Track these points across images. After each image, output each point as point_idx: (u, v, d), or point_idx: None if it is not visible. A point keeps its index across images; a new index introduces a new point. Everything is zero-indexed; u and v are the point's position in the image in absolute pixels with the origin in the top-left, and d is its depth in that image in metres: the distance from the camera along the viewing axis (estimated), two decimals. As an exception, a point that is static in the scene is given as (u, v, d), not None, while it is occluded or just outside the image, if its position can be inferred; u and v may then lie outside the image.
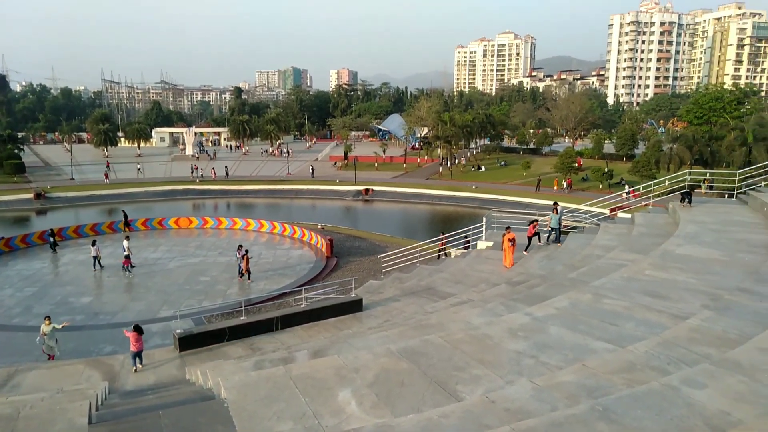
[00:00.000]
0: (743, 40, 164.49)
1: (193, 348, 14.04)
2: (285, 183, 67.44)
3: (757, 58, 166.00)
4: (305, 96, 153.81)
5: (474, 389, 6.85)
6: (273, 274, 27.56)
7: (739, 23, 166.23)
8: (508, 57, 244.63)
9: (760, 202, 17.25)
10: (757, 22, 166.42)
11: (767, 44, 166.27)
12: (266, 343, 14.17)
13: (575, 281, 12.52)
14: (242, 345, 14.22)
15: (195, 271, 27.95)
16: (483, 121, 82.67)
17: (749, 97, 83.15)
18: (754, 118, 57.02)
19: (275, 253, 31.90)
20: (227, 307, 20.62)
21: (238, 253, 27.12)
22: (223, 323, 15.59)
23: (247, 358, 11.68)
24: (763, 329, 7.04)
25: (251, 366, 9.78)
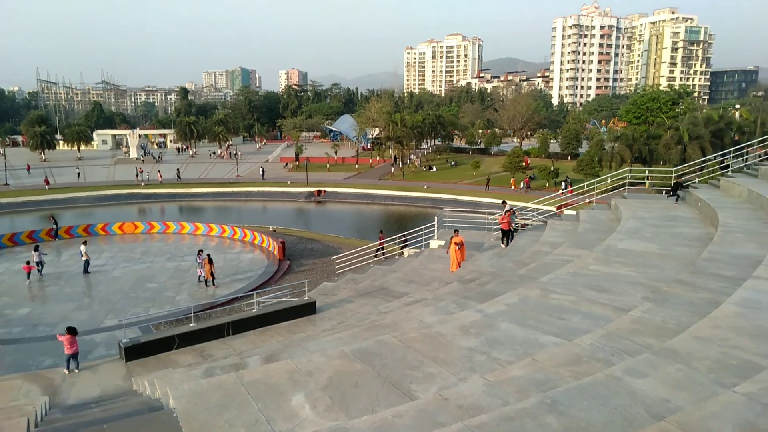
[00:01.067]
0: (677, 43, 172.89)
1: (140, 357, 13.56)
2: (234, 185, 66.21)
3: (690, 60, 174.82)
4: (254, 97, 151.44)
5: (428, 387, 6.90)
6: (224, 278, 26.97)
7: (672, 27, 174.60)
8: (457, 58, 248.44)
9: (694, 198, 18.15)
10: (689, 26, 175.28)
11: (699, 47, 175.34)
12: (217, 349, 13.86)
13: (524, 278, 12.81)
14: (192, 352, 13.85)
15: (141, 277, 27.04)
16: (433, 122, 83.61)
17: (683, 98, 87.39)
18: (688, 117, 59.97)
19: (225, 258, 31.24)
20: (176, 314, 20.04)
21: (198, 258, 26.48)
22: (172, 330, 15.13)
23: (198, 365, 11.39)
24: (699, 318, 7.40)
25: (201, 374, 9.54)
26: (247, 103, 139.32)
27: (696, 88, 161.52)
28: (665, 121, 64.76)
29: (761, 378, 5.12)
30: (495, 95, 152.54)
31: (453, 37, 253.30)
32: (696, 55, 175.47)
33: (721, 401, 4.80)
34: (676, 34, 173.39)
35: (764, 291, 7.93)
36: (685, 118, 59.79)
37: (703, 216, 16.47)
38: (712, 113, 64.08)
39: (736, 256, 10.82)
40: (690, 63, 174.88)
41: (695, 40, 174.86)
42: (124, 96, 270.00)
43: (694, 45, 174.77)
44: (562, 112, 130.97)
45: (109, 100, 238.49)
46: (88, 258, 27.64)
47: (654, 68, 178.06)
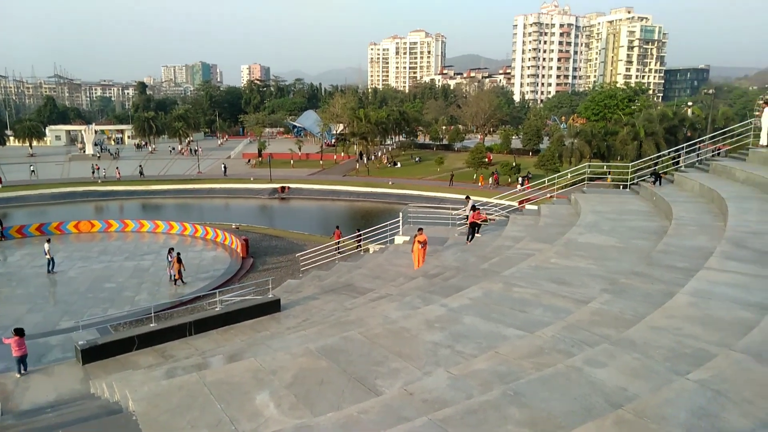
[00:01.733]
0: (633, 42, 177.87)
1: (98, 359, 13.17)
2: (196, 182, 64.96)
3: (645, 58, 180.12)
4: (215, 92, 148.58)
5: (393, 383, 6.92)
6: (186, 277, 26.44)
7: (628, 26, 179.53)
8: (420, 55, 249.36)
9: (649, 192, 18.72)
10: (644, 25, 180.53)
11: (653, 46, 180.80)
12: (179, 349, 13.57)
13: (487, 272, 12.98)
14: (153, 353, 13.53)
15: (99, 277, 26.28)
16: (397, 118, 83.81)
17: (639, 95, 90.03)
18: (643, 114, 61.91)
19: (187, 256, 30.54)
20: (136, 315, 19.54)
21: (169, 256, 25.99)
22: (132, 331, 14.74)
23: (158, 366, 11.13)
24: (654, 309, 7.63)
25: (162, 375, 9.33)
26: (208, 99, 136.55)
27: (651, 85, 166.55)
28: (622, 117, 66.66)
29: (712, 365, 5.32)
30: (458, 92, 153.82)
31: (416, 33, 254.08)
32: (651, 54, 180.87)
33: (675, 388, 4.97)
34: (632, 33, 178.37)
35: (714, 281, 8.23)
36: (640, 115, 61.69)
37: (658, 209, 17.00)
38: (666, 110, 66.32)
39: (689, 248, 11.20)
40: (645, 61, 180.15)
41: (650, 39, 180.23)
42: (79, 90, 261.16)
43: (648, 44, 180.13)
44: (524, 108, 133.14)
45: (62, 94, 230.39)
46: (52, 257, 27.05)
47: (611, 66, 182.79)
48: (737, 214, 12.32)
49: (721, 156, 23.11)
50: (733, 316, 7.01)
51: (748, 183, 16.30)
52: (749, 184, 16.20)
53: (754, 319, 6.63)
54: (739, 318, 6.91)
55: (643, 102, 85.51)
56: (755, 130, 21.42)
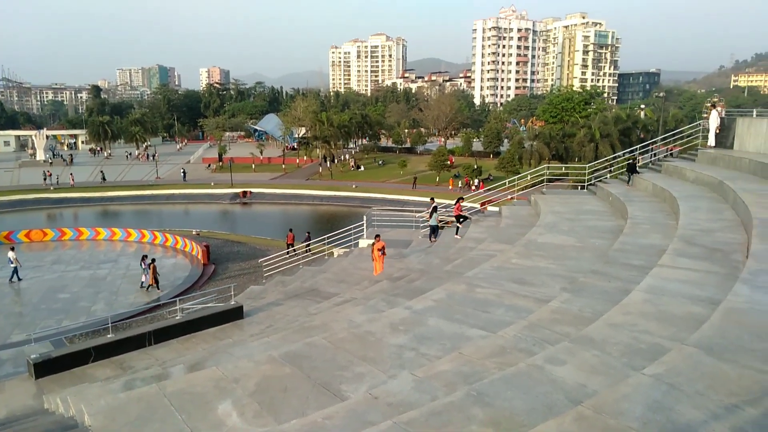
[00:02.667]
0: (587, 46, 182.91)
1: (53, 373, 12.65)
2: (154, 188, 63.44)
3: (600, 62, 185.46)
4: (174, 95, 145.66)
5: (358, 387, 6.90)
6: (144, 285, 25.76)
7: (583, 31, 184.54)
8: (381, 58, 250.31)
9: (606, 192, 19.25)
10: (598, 30, 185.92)
11: (607, 51, 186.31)
12: (138, 360, 13.18)
13: (451, 273, 13.09)
14: (111, 365, 13.09)
15: (52, 288, 25.35)
16: (360, 121, 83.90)
17: (594, 98, 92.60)
18: (599, 117, 63.69)
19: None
20: (92, 326, 18.93)
21: (144, 263, 25.54)
22: (88, 343, 14.24)
23: (116, 378, 10.79)
24: (612, 306, 7.84)
25: (120, 387, 9.05)
26: (166, 102, 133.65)
27: (606, 89, 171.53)
28: (579, 120, 68.41)
29: (666, 360, 5.50)
30: (420, 95, 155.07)
31: (377, 37, 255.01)
32: (605, 58, 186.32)
33: (632, 383, 5.11)
34: (587, 37, 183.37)
35: (668, 278, 8.52)
36: (596, 118, 63.44)
37: (614, 209, 17.50)
38: (620, 113, 68.44)
39: (643, 246, 11.57)
40: (600, 65, 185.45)
41: (604, 43, 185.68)
42: (29, 94, 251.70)
43: (603, 48, 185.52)
44: (484, 111, 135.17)
45: (11, 98, 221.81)
46: (19, 264, 26.44)
47: (567, 70, 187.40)
48: (688, 212, 12.79)
49: (672, 157, 24.00)
50: (685, 311, 7.27)
51: (698, 182, 16.95)
52: (699, 183, 16.85)
53: (704, 313, 6.88)
54: (690, 313, 7.16)
55: (598, 105, 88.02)
56: (703, 131, 22.33)
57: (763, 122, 19.05)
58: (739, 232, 10.94)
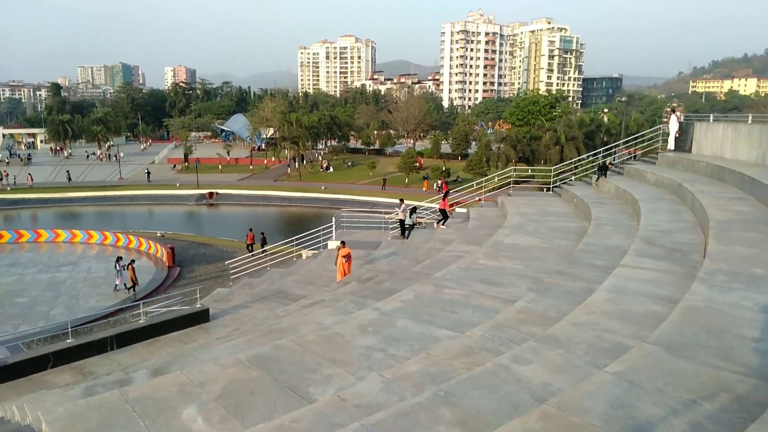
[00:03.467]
0: (553, 51, 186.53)
1: (9, 380, 12.20)
2: (117, 189, 61.94)
3: (565, 67, 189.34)
4: (138, 94, 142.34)
5: (326, 389, 6.86)
6: (107, 289, 25.14)
7: (549, 36, 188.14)
8: (351, 60, 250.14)
9: (570, 194, 19.65)
10: (563, 36, 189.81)
11: (572, 56, 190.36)
12: (100, 366, 12.82)
13: (419, 274, 13.16)
14: (71, 371, 12.71)
15: (9, 291, 24.49)
16: (329, 122, 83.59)
17: (560, 102, 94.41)
18: (564, 120, 64.95)
19: (108, 267, 29.06)
20: (51, 330, 18.36)
21: (118, 265, 24.99)
22: (46, 348, 13.80)
23: (76, 384, 10.46)
24: (576, 306, 8.00)
25: (80, 393, 8.79)
26: (129, 101, 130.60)
27: (570, 93, 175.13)
28: (545, 123, 69.60)
29: (627, 357, 5.64)
30: (389, 97, 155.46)
31: (346, 38, 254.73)
32: (570, 63, 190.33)
33: (595, 381, 5.22)
34: (552, 42, 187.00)
35: (629, 278, 8.75)
36: (561, 121, 64.69)
37: (578, 211, 17.88)
38: (584, 117, 69.94)
39: (606, 246, 11.85)
40: (565, 70, 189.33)
41: (569, 48, 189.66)
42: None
43: (568, 53, 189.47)
44: (452, 114, 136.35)
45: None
46: None
47: (534, 74, 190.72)
48: (649, 214, 13.16)
49: (634, 159, 24.65)
50: (646, 309, 7.47)
51: (658, 185, 17.46)
52: (659, 185, 17.36)
53: (664, 312, 7.08)
54: (651, 311, 7.36)
55: (563, 108, 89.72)
56: (663, 135, 23.01)
57: (719, 127, 19.75)
58: (697, 233, 11.31)
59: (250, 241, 32.55)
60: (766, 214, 11.28)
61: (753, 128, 17.24)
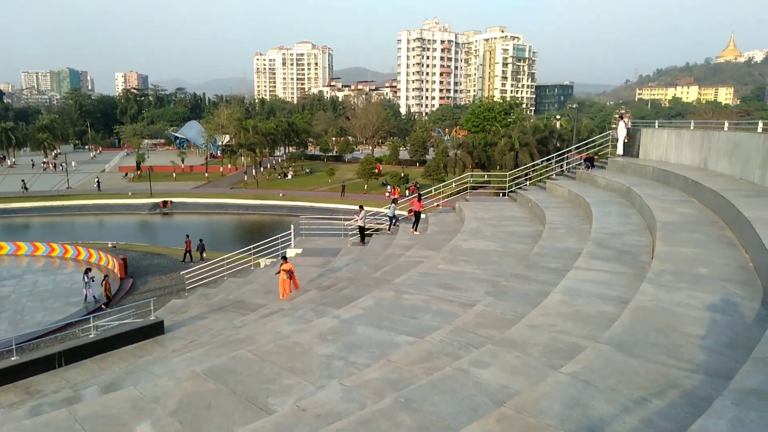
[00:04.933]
0: (507, 59, 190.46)
1: (-54, 403, 11.54)
2: (65, 198, 59.63)
3: (518, 74, 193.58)
4: (86, 100, 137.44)
5: (285, 400, 6.77)
6: (55, 302, 24.10)
7: (503, 44, 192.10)
8: (308, 66, 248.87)
9: (525, 199, 20.08)
10: (516, 44, 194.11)
11: (525, 63, 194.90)
12: (47, 383, 12.27)
13: (379, 280, 13.17)
14: (15, 390, 12.11)
15: (-54, 309, 23.15)
16: (286, 129, 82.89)
17: (514, 109, 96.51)
18: (518, 127, 66.39)
19: (56, 279, 27.96)
20: (-7, 348, 17.40)
21: (86, 276, 24.21)
22: (-12, 367, 13.11)
23: (21, 404, 9.99)
24: (532, 308, 8.16)
25: (26, 413, 8.40)
26: (77, 108, 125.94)
27: (524, 100, 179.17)
28: (500, 129, 70.94)
29: (581, 358, 5.78)
30: (346, 104, 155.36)
31: (303, 44, 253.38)
32: (523, 71, 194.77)
33: (551, 382, 5.33)
34: (506, 50, 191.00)
35: (582, 280, 8.99)
36: (516, 127, 66.09)
37: (533, 215, 18.28)
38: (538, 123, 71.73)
39: (560, 249, 12.15)
40: (518, 77, 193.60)
41: (522, 56, 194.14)
42: None
43: (521, 61, 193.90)
44: (410, 120, 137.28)
45: None
46: None
47: (488, 81, 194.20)
48: (600, 217, 13.57)
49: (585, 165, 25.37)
50: (598, 310, 7.69)
51: (609, 189, 18.04)
52: (609, 189, 17.93)
53: (615, 312, 7.31)
54: (603, 312, 7.58)
55: (517, 115, 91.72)
56: (612, 141, 23.81)
57: (664, 132, 20.60)
58: (645, 235, 11.73)
59: (188, 248, 32.92)
60: (708, 215, 11.81)
61: (695, 134, 18.04)
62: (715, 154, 16.05)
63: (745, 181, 13.56)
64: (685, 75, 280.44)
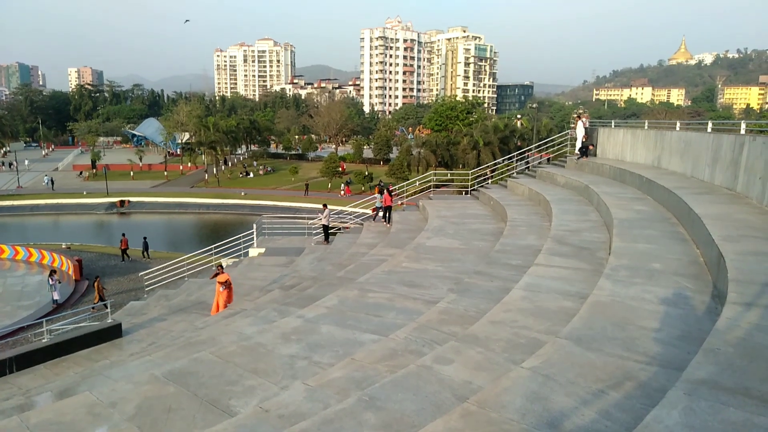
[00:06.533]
0: (468, 59, 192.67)
1: None
2: (15, 198, 57.32)
3: (480, 74, 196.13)
4: (37, 96, 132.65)
5: (248, 401, 6.68)
6: (5, 306, 23.17)
7: (464, 44, 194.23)
8: (269, 63, 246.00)
9: (487, 197, 20.37)
10: (478, 44, 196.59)
11: (486, 63, 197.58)
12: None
13: (343, 279, 13.13)
14: (-38, 399, 11.58)
15: None
16: (248, 127, 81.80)
17: (476, 108, 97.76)
18: (480, 126, 67.28)
19: (6, 282, 26.87)
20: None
21: (51, 279, 23.18)
22: (-68, 375, 12.49)
23: (-31, 413, 9.55)
24: (494, 304, 8.27)
25: (-26, 423, 8.02)
26: (28, 104, 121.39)
27: (486, 99, 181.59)
28: (462, 128, 71.75)
29: (542, 353, 5.90)
30: (309, 101, 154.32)
31: (265, 41, 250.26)
32: (485, 70, 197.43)
33: (512, 377, 5.42)
34: (468, 50, 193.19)
35: (542, 276, 9.17)
36: (478, 126, 66.96)
37: (495, 213, 18.56)
38: (499, 122, 72.79)
39: (521, 246, 12.37)
40: (480, 77, 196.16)
41: (483, 56, 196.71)
42: None
43: (482, 61, 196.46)
44: (374, 119, 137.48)
45: None
46: None
47: (451, 80, 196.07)
48: (559, 214, 13.87)
49: (548, 163, 25.94)
50: (558, 306, 7.86)
51: (567, 187, 18.47)
52: (568, 187, 18.36)
53: (574, 307, 7.48)
54: (563, 307, 7.75)
55: (479, 114, 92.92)
56: (571, 140, 24.38)
57: (620, 132, 21.22)
58: (602, 231, 12.05)
59: (124, 246, 32.31)
60: (662, 212, 12.22)
61: (649, 133, 18.65)
62: (668, 153, 16.62)
63: (696, 179, 14.10)
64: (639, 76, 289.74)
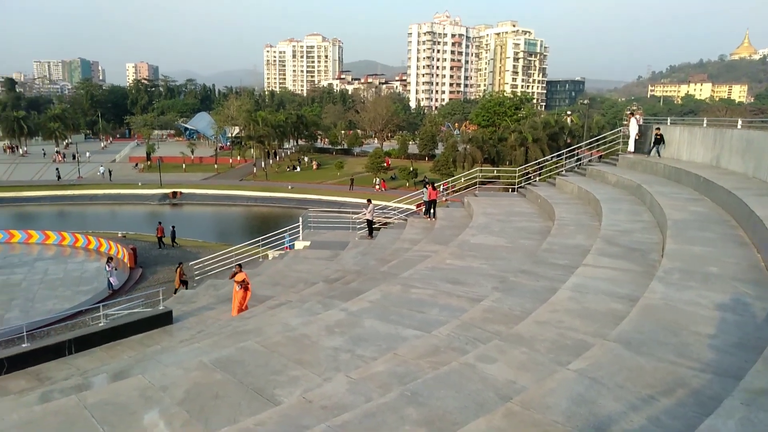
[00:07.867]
0: (518, 54, 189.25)
1: (-42, 388, 11.71)
2: (76, 188, 60.10)
3: (529, 69, 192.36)
4: (97, 91, 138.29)
5: (292, 391, 6.80)
6: (65, 291, 24.36)
7: (514, 39, 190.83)
8: (317, 59, 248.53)
9: (535, 195, 19.99)
10: (528, 38, 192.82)
11: (536, 58, 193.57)
12: (57, 371, 12.41)
13: (386, 274, 13.17)
14: (26, 376, 12.25)
15: (-41, 295, 23.45)
16: (296, 122, 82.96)
17: (524, 104, 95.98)
18: (529, 122, 66.00)
19: (66, 268, 28.23)
20: (5, 334, 17.61)
21: (108, 266, 24.72)
22: (0, 353, 13.28)
23: (32, 390, 10.13)
24: (540, 304, 8.13)
25: (36, 399, 8.50)
26: (89, 98, 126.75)
27: (535, 95, 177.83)
28: (510, 124, 70.57)
29: (588, 355, 5.76)
30: (356, 97, 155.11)
31: (313, 37, 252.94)
32: (534, 66, 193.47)
33: (557, 379, 5.32)
34: (517, 45, 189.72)
35: (591, 276, 8.95)
36: (526, 122, 65.70)
37: (542, 211, 18.20)
38: (548, 118, 71.25)
39: (569, 246, 12.09)
40: (529, 72, 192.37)
41: (533, 51, 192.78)
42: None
43: (532, 56, 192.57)
44: (420, 114, 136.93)
45: None
46: None
47: (499, 76, 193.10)
48: (609, 214, 13.48)
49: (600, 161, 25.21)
50: (607, 307, 7.65)
51: (619, 186, 17.91)
52: (619, 186, 17.81)
53: (624, 310, 7.27)
54: (611, 309, 7.55)
55: (528, 110, 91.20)
56: (623, 138, 23.62)
57: (676, 130, 20.40)
58: (655, 232, 11.64)
59: (160, 234, 34.03)
60: (720, 214, 11.70)
61: (708, 131, 17.85)
62: (728, 152, 15.88)
63: (758, 180, 13.42)
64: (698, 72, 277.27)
